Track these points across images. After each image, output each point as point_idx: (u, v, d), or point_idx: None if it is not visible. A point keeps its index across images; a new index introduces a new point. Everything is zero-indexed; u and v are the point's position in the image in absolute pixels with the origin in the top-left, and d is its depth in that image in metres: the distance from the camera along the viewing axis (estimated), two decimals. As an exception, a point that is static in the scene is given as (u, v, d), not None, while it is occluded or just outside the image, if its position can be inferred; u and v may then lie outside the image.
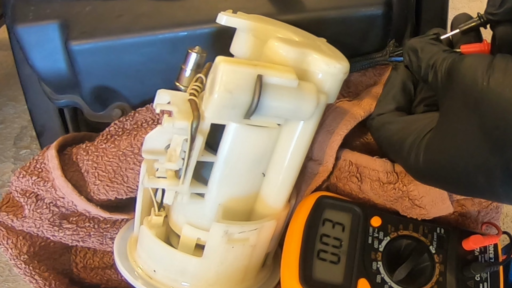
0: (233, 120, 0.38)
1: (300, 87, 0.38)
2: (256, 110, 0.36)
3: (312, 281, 0.41)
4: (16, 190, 0.49)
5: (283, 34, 0.43)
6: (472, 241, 0.43)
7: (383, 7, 0.50)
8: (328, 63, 0.39)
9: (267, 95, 0.36)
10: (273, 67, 0.38)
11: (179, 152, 0.40)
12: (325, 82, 0.40)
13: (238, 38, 0.43)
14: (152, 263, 0.45)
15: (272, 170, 0.43)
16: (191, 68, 0.44)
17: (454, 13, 0.48)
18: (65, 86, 0.54)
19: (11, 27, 0.50)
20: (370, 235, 0.44)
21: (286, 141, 0.42)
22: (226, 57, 0.37)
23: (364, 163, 0.46)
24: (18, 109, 0.83)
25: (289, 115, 0.39)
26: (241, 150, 0.40)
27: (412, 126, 0.41)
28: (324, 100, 0.40)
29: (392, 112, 0.45)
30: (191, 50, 0.44)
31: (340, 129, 0.47)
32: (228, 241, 0.41)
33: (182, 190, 0.41)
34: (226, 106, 0.36)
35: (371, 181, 0.46)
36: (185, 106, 0.39)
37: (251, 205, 0.44)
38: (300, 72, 0.39)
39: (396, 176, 0.45)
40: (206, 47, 0.48)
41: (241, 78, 0.36)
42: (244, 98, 0.36)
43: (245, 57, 0.43)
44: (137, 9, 0.51)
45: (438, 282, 0.42)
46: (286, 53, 0.39)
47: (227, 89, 0.35)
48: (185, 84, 0.44)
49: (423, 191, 0.44)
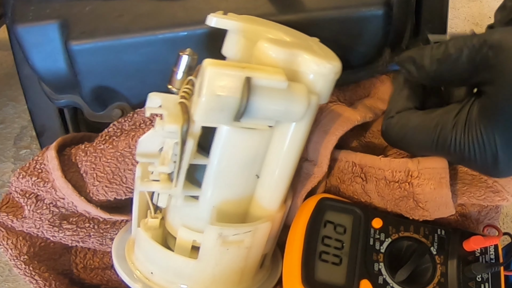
0: (222, 122, 0.38)
1: (290, 88, 0.37)
2: (246, 112, 0.36)
3: (314, 282, 0.41)
4: (16, 191, 0.49)
5: (274, 34, 0.42)
6: (472, 242, 0.43)
7: (383, 7, 0.50)
8: (318, 63, 0.39)
9: (256, 97, 0.36)
10: (261, 69, 0.37)
11: (171, 155, 0.40)
12: (316, 83, 0.39)
13: (229, 40, 0.43)
14: (149, 265, 0.45)
15: (265, 172, 0.43)
16: (182, 71, 0.44)
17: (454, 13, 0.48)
18: (65, 86, 0.53)
19: (11, 27, 0.50)
20: (372, 237, 0.44)
21: (279, 143, 0.41)
22: (214, 60, 0.36)
23: (370, 163, 0.46)
24: (18, 109, 0.83)
25: (280, 116, 0.39)
26: (233, 152, 0.40)
27: (444, 114, 0.41)
28: (315, 101, 0.40)
29: (412, 109, 0.45)
30: (182, 53, 0.44)
31: (336, 130, 0.47)
32: (223, 243, 0.41)
33: (175, 193, 0.41)
34: (214, 109, 0.36)
35: (377, 180, 0.46)
36: (176, 109, 0.39)
37: (246, 207, 0.44)
38: (290, 73, 0.39)
39: (404, 175, 0.45)
40: (206, 47, 0.49)
41: (228, 81, 0.35)
42: (232, 100, 0.35)
43: (236, 58, 0.42)
44: (137, 9, 0.51)
45: (440, 283, 0.42)
46: (275, 54, 0.38)
47: (214, 92, 0.35)
48: (177, 87, 0.44)
49: (429, 196, 0.44)
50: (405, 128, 0.44)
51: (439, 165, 0.44)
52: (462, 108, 0.40)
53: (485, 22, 0.95)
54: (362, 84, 0.54)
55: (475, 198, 0.45)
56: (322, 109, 0.49)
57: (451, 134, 0.40)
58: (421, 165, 0.44)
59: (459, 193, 0.45)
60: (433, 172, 0.44)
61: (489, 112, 0.38)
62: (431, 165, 0.44)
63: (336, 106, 0.49)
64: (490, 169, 0.40)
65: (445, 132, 0.40)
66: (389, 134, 0.46)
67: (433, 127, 0.41)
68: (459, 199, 0.45)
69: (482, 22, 0.93)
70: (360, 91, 0.54)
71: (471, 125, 0.39)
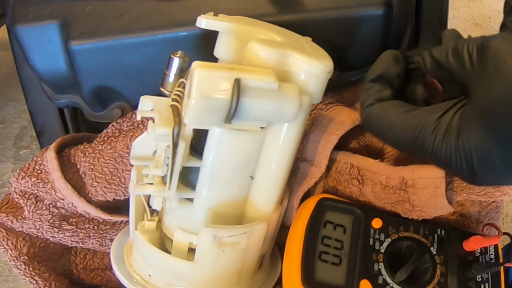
0: (213, 124, 0.38)
1: (281, 89, 0.37)
2: (236, 114, 0.36)
3: (314, 282, 0.41)
4: (16, 192, 0.49)
5: (265, 35, 0.42)
6: (472, 241, 0.43)
7: (383, 7, 0.50)
8: (310, 63, 0.38)
9: (247, 98, 0.36)
10: (251, 70, 0.37)
11: (164, 158, 0.40)
12: (308, 83, 0.39)
13: (220, 41, 0.43)
14: (147, 268, 0.45)
15: (260, 173, 0.42)
16: (174, 73, 0.44)
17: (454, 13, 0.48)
18: (65, 86, 0.53)
19: (11, 27, 0.50)
20: (371, 237, 0.44)
21: (272, 144, 0.41)
22: (202, 62, 0.36)
23: (367, 166, 0.46)
24: (18, 109, 0.83)
25: (272, 117, 0.38)
26: (226, 154, 0.40)
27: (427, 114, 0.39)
28: (308, 101, 0.39)
29: (390, 100, 0.42)
30: (173, 55, 0.44)
31: (337, 129, 0.47)
32: (218, 245, 0.41)
33: (169, 196, 0.41)
34: (204, 111, 0.35)
35: (373, 183, 0.46)
36: (168, 112, 0.39)
37: (241, 209, 0.44)
38: (282, 73, 0.38)
39: (398, 182, 0.45)
40: (206, 47, 0.48)
41: (217, 83, 0.35)
42: (222, 102, 0.35)
43: (228, 60, 0.42)
44: (137, 9, 0.51)
45: (440, 283, 0.42)
46: (266, 55, 0.38)
47: (203, 94, 0.35)
48: (169, 89, 0.44)
49: (424, 203, 0.44)
50: (385, 122, 0.40)
51: (435, 175, 0.43)
52: (447, 111, 0.38)
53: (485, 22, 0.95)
54: (361, 86, 0.54)
55: (475, 194, 0.44)
56: (322, 110, 0.49)
57: (431, 138, 0.38)
58: (416, 174, 0.44)
59: (458, 190, 0.45)
60: (428, 182, 0.43)
61: (469, 121, 0.36)
62: (426, 174, 0.43)
63: (337, 106, 0.49)
64: (467, 179, 0.38)
65: (425, 135, 0.38)
66: (369, 125, 0.42)
67: (413, 127, 0.39)
68: (459, 196, 0.45)
69: (482, 22, 0.93)
70: (359, 93, 0.54)
71: (451, 132, 0.37)
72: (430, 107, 0.40)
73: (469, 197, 0.45)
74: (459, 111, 0.37)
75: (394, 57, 0.43)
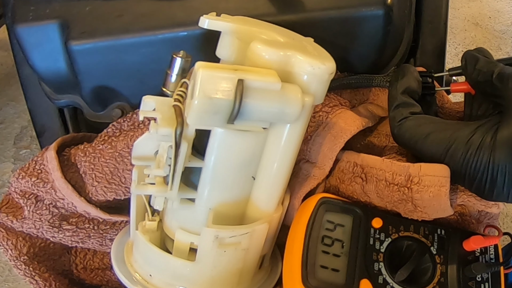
0: (216, 125, 0.38)
1: (283, 89, 0.37)
2: (239, 114, 0.36)
3: (315, 282, 0.41)
4: (16, 191, 0.49)
5: (268, 35, 0.42)
6: (472, 241, 0.43)
7: (383, 7, 0.50)
8: (312, 64, 0.38)
9: (249, 99, 0.36)
10: (254, 70, 0.37)
11: (166, 158, 0.40)
12: (311, 84, 0.39)
13: (222, 42, 0.43)
14: (148, 268, 0.45)
15: (261, 173, 0.42)
16: (176, 73, 0.44)
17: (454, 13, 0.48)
18: (65, 86, 0.53)
19: (11, 27, 0.50)
20: (372, 236, 0.44)
21: (274, 145, 0.41)
22: (206, 63, 0.36)
23: (371, 164, 0.46)
24: (18, 109, 0.83)
25: (274, 118, 0.38)
26: (228, 154, 0.40)
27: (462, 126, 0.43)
28: (310, 102, 0.39)
29: (422, 114, 0.46)
30: (176, 55, 0.44)
31: (344, 133, 0.47)
32: (220, 245, 0.41)
33: (171, 196, 0.41)
34: (207, 111, 0.35)
35: (377, 180, 0.46)
36: (170, 112, 0.39)
37: (242, 209, 0.44)
38: (284, 74, 0.38)
39: (404, 179, 0.45)
40: (206, 47, 0.48)
41: (220, 83, 0.35)
42: (225, 103, 0.35)
43: (230, 60, 0.42)
44: (137, 9, 0.51)
45: (440, 282, 0.42)
46: (268, 55, 0.38)
47: (206, 95, 0.35)
48: (171, 90, 0.44)
49: (427, 202, 0.44)
50: (420, 133, 0.44)
51: (441, 174, 0.43)
52: (478, 127, 0.42)
53: (485, 22, 0.96)
54: (361, 90, 0.54)
55: (474, 197, 0.45)
56: (328, 113, 0.49)
57: (464, 149, 0.42)
58: (423, 171, 0.44)
59: (459, 191, 0.45)
60: (433, 180, 0.43)
61: (505, 142, 0.40)
62: (433, 172, 0.43)
63: (342, 110, 0.49)
64: (482, 193, 0.43)
65: (457, 147, 0.42)
66: (403, 137, 0.46)
67: (447, 137, 0.43)
68: (459, 198, 0.45)
69: (482, 22, 0.93)
70: (359, 96, 0.54)
71: (485, 147, 0.41)
72: (462, 122, 0.44)
73: (468, 199, 0.45)
74: (493, 128, 0.42)
75: (415, 71, 0.49)
